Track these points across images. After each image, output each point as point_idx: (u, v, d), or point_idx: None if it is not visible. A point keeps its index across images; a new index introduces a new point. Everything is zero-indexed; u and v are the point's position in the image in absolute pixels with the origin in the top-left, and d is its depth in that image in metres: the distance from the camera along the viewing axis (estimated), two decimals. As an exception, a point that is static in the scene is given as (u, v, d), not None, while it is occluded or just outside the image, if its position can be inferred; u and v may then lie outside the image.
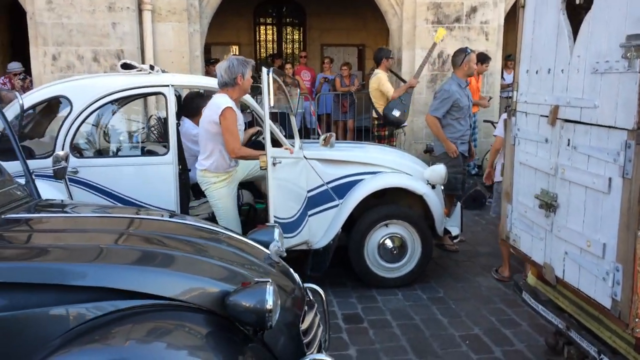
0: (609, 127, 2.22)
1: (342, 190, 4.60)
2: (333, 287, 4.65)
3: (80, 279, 1.99)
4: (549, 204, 2.63)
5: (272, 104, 3.82)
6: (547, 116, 2.64)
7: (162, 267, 2.18)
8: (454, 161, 5.51)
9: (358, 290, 4.62)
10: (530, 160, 2.82)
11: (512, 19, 7.22)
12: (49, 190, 3.83)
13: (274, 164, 4.00)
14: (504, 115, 4.93)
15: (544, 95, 2.67)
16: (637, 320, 2.13)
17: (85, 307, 1.95)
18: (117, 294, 1.98)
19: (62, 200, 3.30)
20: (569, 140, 2.49)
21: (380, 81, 6.88)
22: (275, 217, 3.99)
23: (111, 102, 4.41)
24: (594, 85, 2.30)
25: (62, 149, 4.08)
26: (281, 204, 4.17)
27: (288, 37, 14.20)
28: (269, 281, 2.07)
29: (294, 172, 4.36)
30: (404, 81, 7.39)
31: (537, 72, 2.74)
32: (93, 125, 4.79)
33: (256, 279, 2.13)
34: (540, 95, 2.71)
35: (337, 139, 10.30)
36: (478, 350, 3.63)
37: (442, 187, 5.08)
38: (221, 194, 4.10)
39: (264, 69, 3.84)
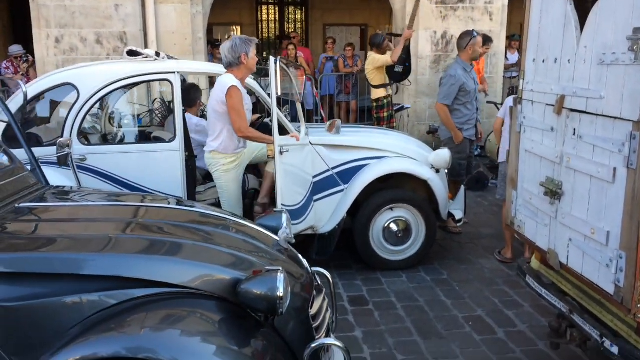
0: (615, 118, 2.25)
1: (347, 175, 4.64)
2: (338, 270, 4.72)
3: (92, 269, 2.05)
4: (554, 192, 2.67)
5: (279, 93, 3.85)
6: (553, 105, 2.67)
7: (175, 255, 2.24)
8: (459, 147, 5.51)
9: (363, 273, 4.70)
10: (535, 148, 2.85)
11: (517, -1, 7.17)
12: (57, 178, 3.89)
13: (281, 153, 4.04)
14: (509, 101, 4.94)
15: (550, 84, 2.70)
16: (639, 306, 2.19)
17: (99, 295, 2.01)
18: (130, 283, 2.05)
19: (71, 188, 3.35)
20: (574, 129, 2.52)
21: (374, 59, 6.87)
22: (282, 204, 4.05)
23: (117, 89, 4.43)
24: (601, 76, 2.33)
25: (70, 137, 4.12)
26: (287, 190, 4.22)
27: (290, 17, 14.10)
28: (279, 269, 2.13)
29: (300, 158, 4.40)
30: (400, 35, 7.31)
31: (543, 62, 2.76)
32: (100, 112, 4.83)
33: (267, 267, 2.19)
34: (546, 85, 2.73)
35: (340, 119, 10.37)
36: (481, 331, 3.71)
37: (446, 171, 5.12)
38: (229, 178, 4.15)
39: (272, 58, 3.86)
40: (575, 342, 2.80)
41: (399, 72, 6.84)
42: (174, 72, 4.35)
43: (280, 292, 2.06)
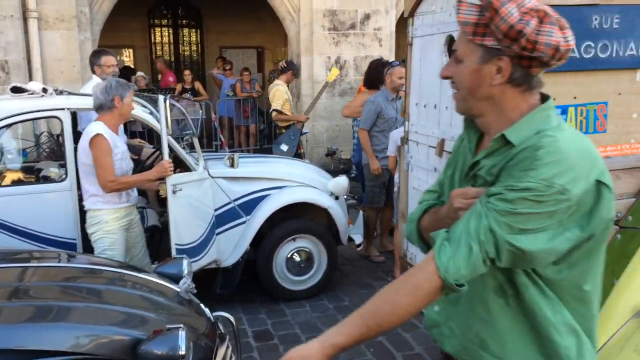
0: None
1: (249, 206, 4.67)
2: (242, 304, 4.73)
3: None
4: (439, 227, 2.87)
5: (170, 133, 3.83)
6: (435, 147, 2.88)
7: (65, 320, 2.17)
8: (374, 174, 5.66)
9: (267, 305, 4.73)
10: (422, 186, 3.06)
11: (404, 25, 7.59)
12: None
13: (174, 192, 3.98)
14: (393, 136, 5.17)
15: (431, 128, 2.92)
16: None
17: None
18: (20, 355, 1.96)
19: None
20: (454, 170, 2.74)
21: (275, 95, 6.98)
22: (177, 245, 4.00)
23: (1, 128, 4.19)
24: (474, 124, 2.55)
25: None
26: (186, 227, 4.18)
27: (185, 39, 13.92)
28: (181, 326, 2.13)
29: (200, 192, 4.38)
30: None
31: (425, 106, 2.98)
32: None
33: (168, 326, 2.18)
34: (428, 128, 2.95)
35: (240, 144, 10.39)
36: (382, 357, 3.87)
37: (345, 197, 5.29)
38: (114, 240, 3.67)
39: (160, 97, 3.83)
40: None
41: (283, 150, 7.00)
42: (64, 109, 4.18)
43: (182, 351, 2.06)
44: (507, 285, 1.40)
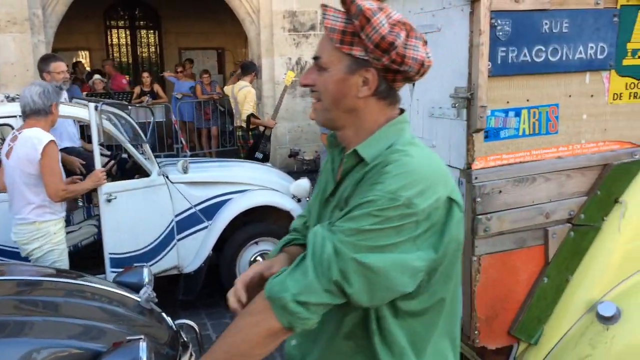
0: (446, 165, 2.51)
1: (210, 211, 4.63)
2: (206, 309, 4.68)
3: None
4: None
5: (101, 140, 3.79)
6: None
7: (21, 335, 2.12)
8: None
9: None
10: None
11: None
12: None
13: (108, 200, 3.93)
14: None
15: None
16: (476, 332, 2.47)
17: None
18: None
19: None
20: (414, 173, 2.77)
21: (246, 98, 6.95)
22: (112, 254, 3.98)
23: (-51, 137, 4.05)
24: (431, 127, 2.59)
25: None
26: (129, 235, 4.15)
27: (143, 40, 13.68)
28: (142, 338, 2.10)
29: (156, 198, 4.32)
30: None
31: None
32: None
33: (128, 337, 2.14)
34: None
35: (201, 147, 10.27)
36: None
37: (307, 199, 5.29)
38: (61, 251, 3.50)
39: (91, 105, 3.77)
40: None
41: (259, 158, 6.99)
42: (15, 116, 4.07)
43: (143, 363, 2.03)
44: (358, 329, 1.33)
